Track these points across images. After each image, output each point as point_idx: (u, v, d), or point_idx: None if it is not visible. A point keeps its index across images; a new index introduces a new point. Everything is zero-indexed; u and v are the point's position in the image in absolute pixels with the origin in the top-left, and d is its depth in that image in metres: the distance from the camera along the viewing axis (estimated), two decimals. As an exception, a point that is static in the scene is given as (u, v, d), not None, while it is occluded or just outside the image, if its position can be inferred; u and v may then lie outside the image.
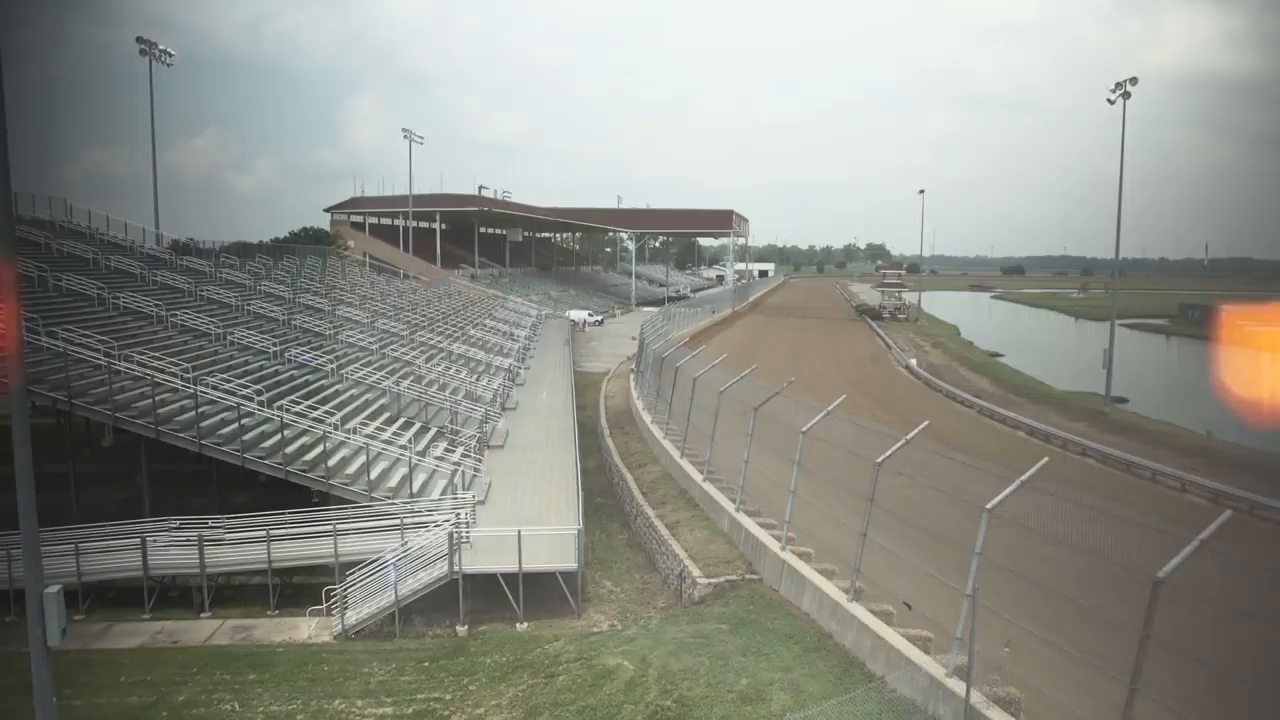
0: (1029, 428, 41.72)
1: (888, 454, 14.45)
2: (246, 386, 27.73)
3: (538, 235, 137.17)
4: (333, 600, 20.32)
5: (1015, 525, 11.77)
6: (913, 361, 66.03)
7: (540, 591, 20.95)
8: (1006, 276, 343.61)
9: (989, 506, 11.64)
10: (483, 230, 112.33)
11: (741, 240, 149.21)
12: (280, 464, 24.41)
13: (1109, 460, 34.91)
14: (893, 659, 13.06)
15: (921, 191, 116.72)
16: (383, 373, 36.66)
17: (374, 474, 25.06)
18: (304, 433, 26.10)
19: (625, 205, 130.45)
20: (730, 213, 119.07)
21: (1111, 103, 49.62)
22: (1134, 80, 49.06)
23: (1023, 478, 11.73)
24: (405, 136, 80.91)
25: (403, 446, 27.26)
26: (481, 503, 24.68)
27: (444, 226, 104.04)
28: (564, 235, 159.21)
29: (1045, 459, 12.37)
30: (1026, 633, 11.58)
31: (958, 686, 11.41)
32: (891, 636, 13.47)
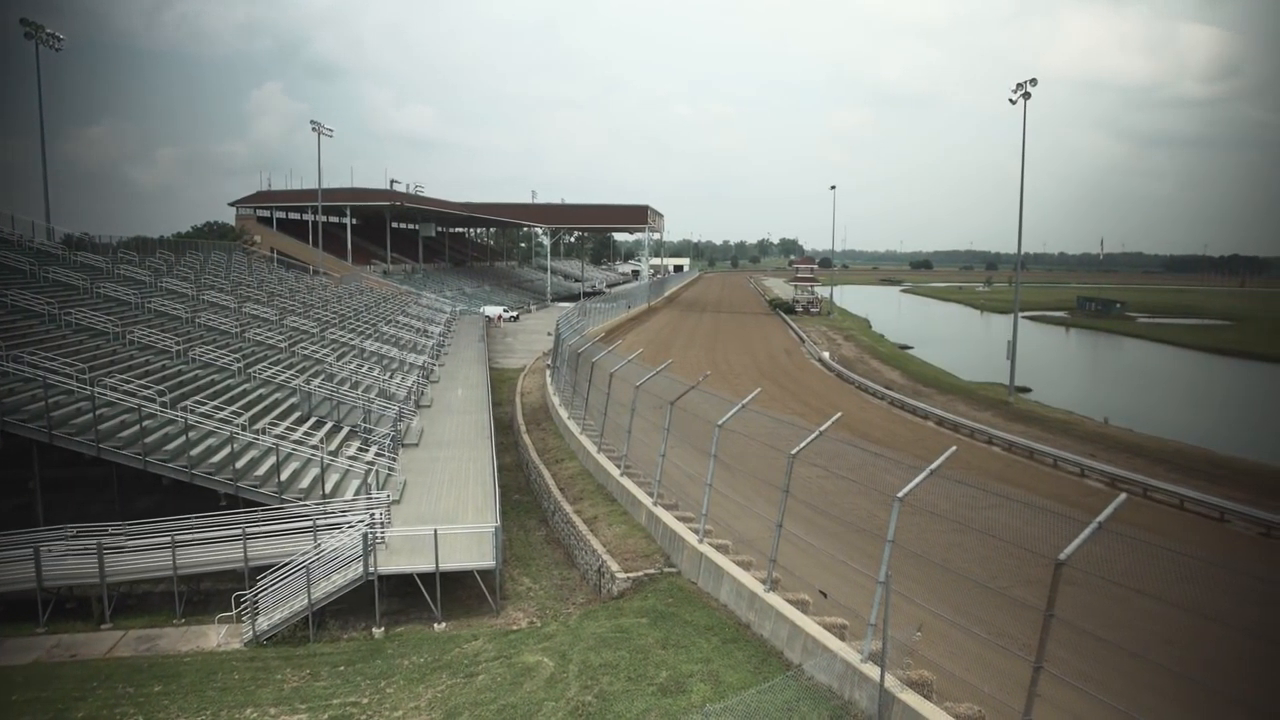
0: (938, 418, 42.88)
1: (801, 446, 14.66)
2: (148, 387, 26.74)
3: (451, 230, 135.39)
4: (243, 606, 19.71)
5: (926, 512, 12.05)
6: (825, 354, 67.21)
7: (458, 590, 20.71)
8: (915, 271, 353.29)
9: (900, 495, 11.89)
10: (395, 225, 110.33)
11: (657, 235, 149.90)
12: (185, 466, 23.59)
13: (1013, 448, 36.12)
14: (809, 647, 13.26)
15: (833, 187, 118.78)
16: (292, 371, 35.77)
17: (285, 475, 24.41)
18: (210, 434, 25.28)
19: (540, 200, 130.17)
20: (645, 208, 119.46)
21: (1013, 103, 51.23)
22: (1034, 81, 50.71)
23: (932, 466, 12.02)
24: (314, 129, 78.85)
25: (314, 446, 26.63)
26: (396, 502, 24.28)
27: (355, 221, 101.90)
28: (478, 230, 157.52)
29: (953, 448, 12.69)
30: (937, 616, 11.89)
31: (872, 671, 11.64)
32: (808, 625, 13.68)
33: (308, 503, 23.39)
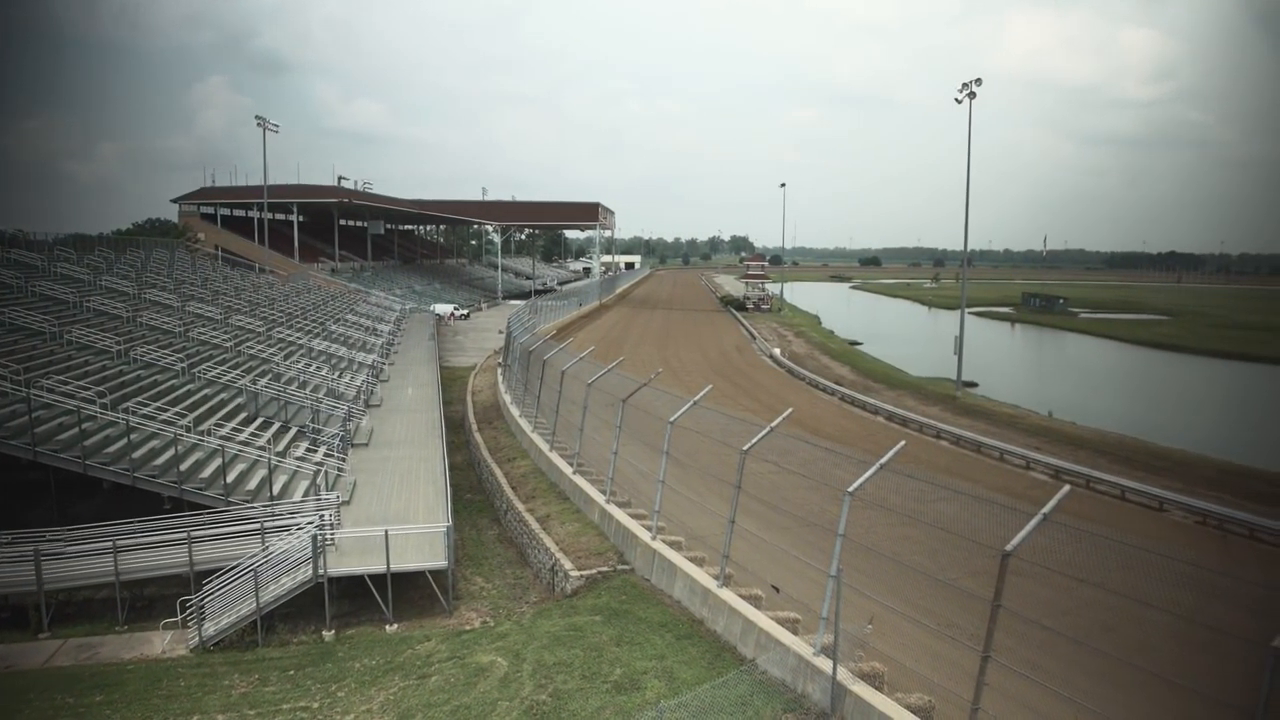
0: (887, 413, 43.41)
1: (753, 442, 14.74)
2: (88, 388, 26.08)
3: (400, 228, 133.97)
4: (188, 611, 19.30)
5: (876, 506, 12.20)
6: (776, 351, 67.69)
7: (410, 591, 20.51)
8: (864, 267, 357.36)
9: (850, 489, 12.01)
10: (343, 223, 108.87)
11: (608, 233, 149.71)
12: (127, 470, 23.05)
13: (961, 441, 36.69)
14: (763, 641, 13.35)
15: (783, 185, 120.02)
16: (239, 371, 35.13)
17: (231, 477, 23.97)
18: (153, 436, 24.73)
19: (491, 197, 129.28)
20: (596, 205, 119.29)
21: (959, 102, 52.04)
22: (979, 81, 51.58)
23: (881, 461, 12.16)
24: (259, 124, 77.41)
25: (261, 447, 26.19)
26: (346, 503, 23.97)
27: (302, 219, 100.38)
28: (428, 228, 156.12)
29: (903, 442, 12.86)
30: (888, 609, 12.04)
31: (825, 664, 11.76)
32: (761, 620, 13.77)
33: (255, 505, 22.99)
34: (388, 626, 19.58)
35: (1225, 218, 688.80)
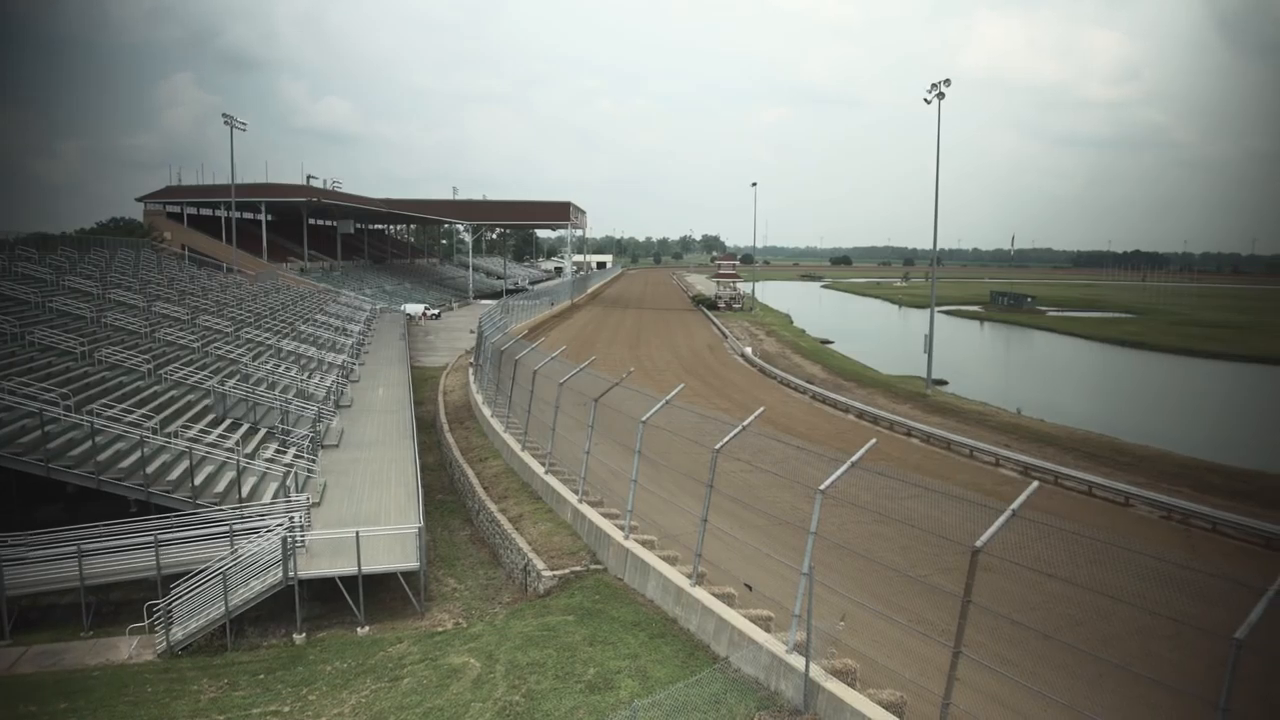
0: (858, 411, 43.64)
1: (725, 440, 14.77)
2: (50, 390, 25.67)
3: (371, 227, 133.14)
4: (156, 616, 19.05)
5: (847, 504, 12.27)
6: (748, 350, 67.88)
7: (381, 593, 20.37)
8: (835, 266, 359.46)
9: (822, 487, 12.07)
10: (312, 222, 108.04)
11: (579, 232, 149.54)
12: (92, 473, 22.71)
13: (932, 439, 36.97)
14: (736, 639, 13.38)
15: (754, 184, 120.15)
16: (206, 372, 34.72)
17: (199, 479, 23.69)
18: (118, 438, 24.38)
19: (462, 197, 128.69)
20: (568, 204, 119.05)
21: (928, 102, 52.41)
22: (947, 82, 51.92)
23: (853, 459, 12.23)
24: (226, 122, 76.48)
25: (230, 449, 25.91)
26: (317, 504, 23.77)
27: (270, 218, 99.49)
28: (398, 227, 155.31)
29: (874, 440, 12.94)
30: (860, 606, 12.12)
31: (798, 662, 11.81)
32: (734, 618, 13.80)
33: (223, 507, 22.74)
34: (359, 629, 19.44)
35: (1188, 218, 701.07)
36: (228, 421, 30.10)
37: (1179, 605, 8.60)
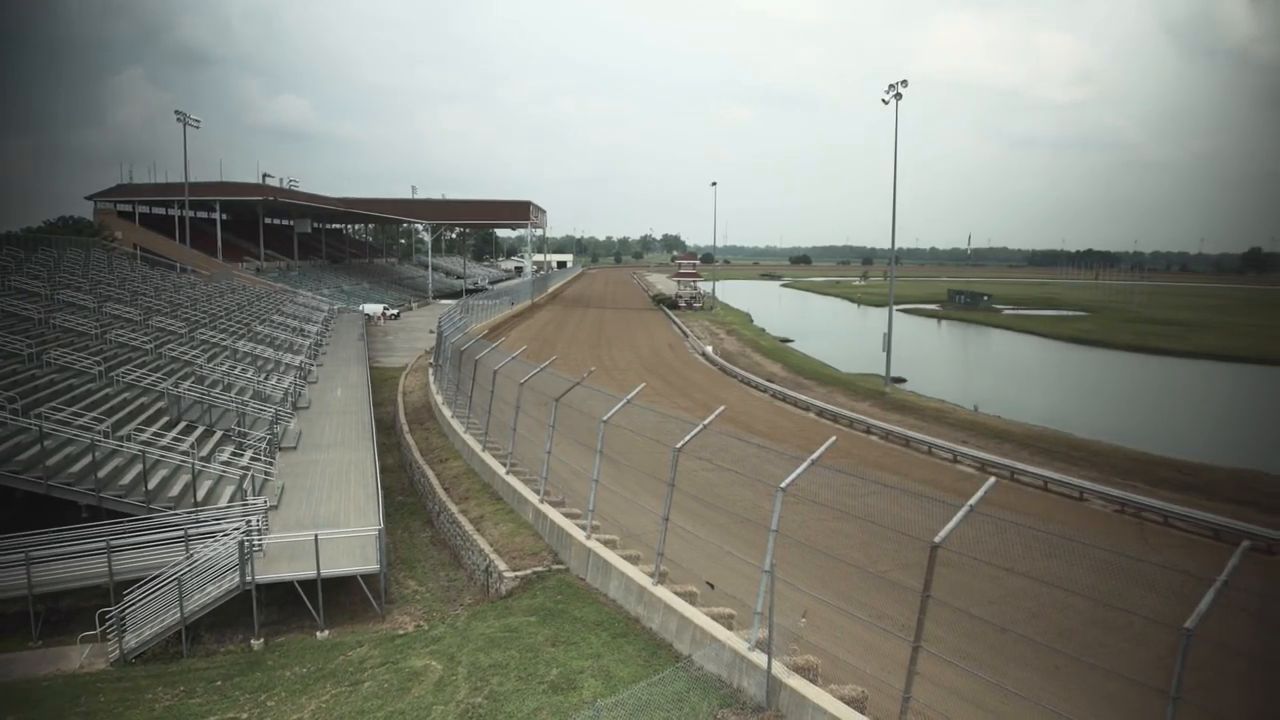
0: (818, 409, 44.01)
1: (686, 439, 14.81)
2: (-3, 394, 25.08)
3: (328, 226, 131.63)
4: (108, 623, 18.66)
5: (808, 502, 12.35)
6: (708, 349, 68.14)
7: (341, 596, 20.15)
8: (794, 266, 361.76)
9: (783, 485, 12.14)
10: (268, 221, 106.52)
11: (539, 231, 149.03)
12: (40, 478, 22.18)
13: (891, 436, 37.38)
14: (698, 638, 13.42)
15: (714, 184, 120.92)
16: (159, 374, 34.10)
17: (152, 483, 23.25)
18: (68, 442, 23.86)
19: (421, 196, 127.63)
20: (528, 204, 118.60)
21: (885, 103, 52.89)
22: (904, 83, 52.42)
23: (813, 457, 12.31)
24: (179, 119, 75.16)
25: (184, 452, 25.47)
26: (274, 507, 23.44)
27: (225, 217, 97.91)
28: (356, 226, 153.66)
29: (834, 438, 13.04)
30: (821, 602, 12.21)
31: (760, 659, 11.86)
32: (696, 616, 13.84)
33: (178, 511, 22.34)
34: (319, 633, 19.21)
35: (1138, 217, 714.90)
36: (182, 424, 29.61)
37: (1132, 597, 8.77)
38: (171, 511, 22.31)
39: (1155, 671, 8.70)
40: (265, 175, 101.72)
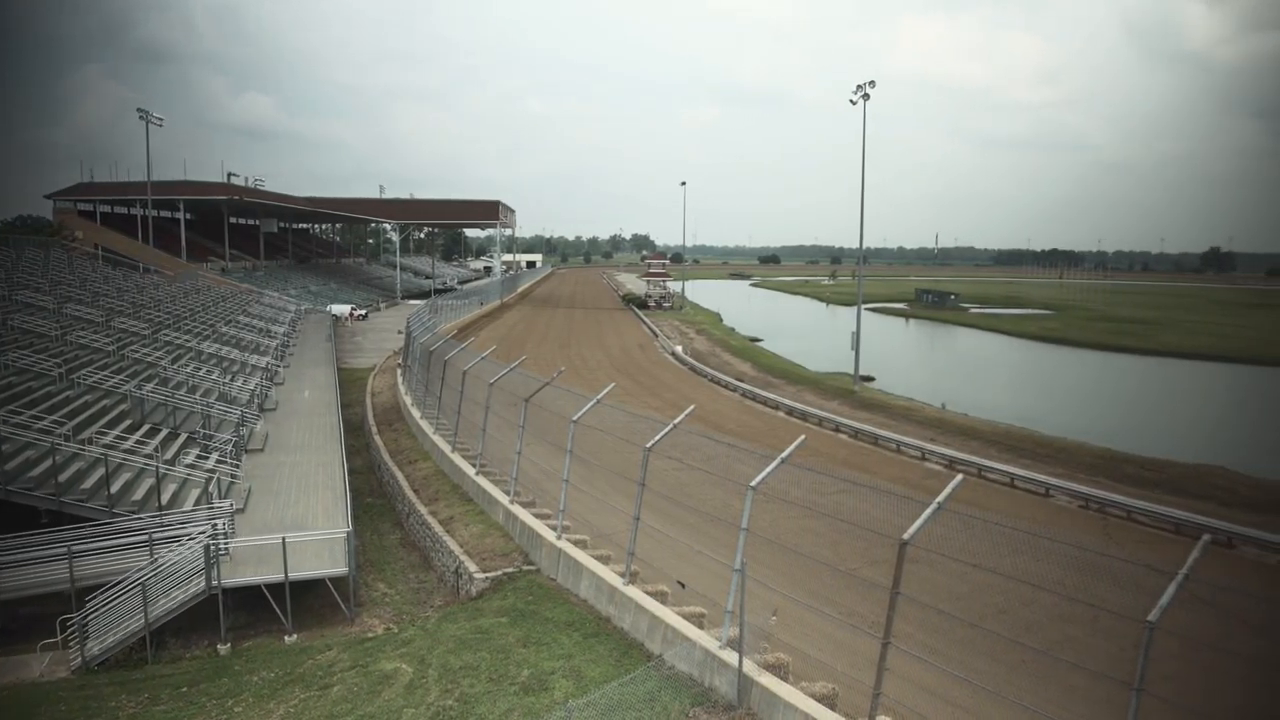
0: (788, 408, 44.20)
1: (656, 439, 14.81)
2: (-46, 397, 24.60)
3: (295, 226, 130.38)
4: (70, 630, 18.34)
5: (778, 500, 12.40)
6: (678, 348, 68.23)
7: (310, 600, 19.96)
8: (764, 265, 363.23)
9: (753, 484, 12.18)
10: (234, 221, 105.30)
11: (509, 231, 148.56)
12: (-1, 482, 21.80)
13: (860, 435, 37.61)
14: (669, 637, 13.43)
15: (683, 183, 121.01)
16: (122, 376, 33.59)
17: (115, 487, 22.90)
18: (27, 446, 23.44)
19: (389, 195, 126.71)
20: (497, 203, 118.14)
21: (854, 103, 53.23)
22: (872, 83, 52.81)
23: (783, 455, 12.36)
24: (141, 117, 74.08)
25: (148, 456, 25.10)
26: (241, 511, 23.17)
27: (189, 216, 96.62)
28: (323, 226, 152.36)
29: (803, 437, 13.10)
30: (792, 600, 12.27)
31: (731, 657, 11.90)
32: (667, 615, 13.85)
33: (142, 516, 22.01)
34: (287, 637, 19.01)
35: (1101, 217, 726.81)
36: (146, 427, 29.19)
37: (1096, 591, 8.90)
38: (135, 516, 21.97)
39: (1119, 664, 8.82)
40: (230, 174, 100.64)
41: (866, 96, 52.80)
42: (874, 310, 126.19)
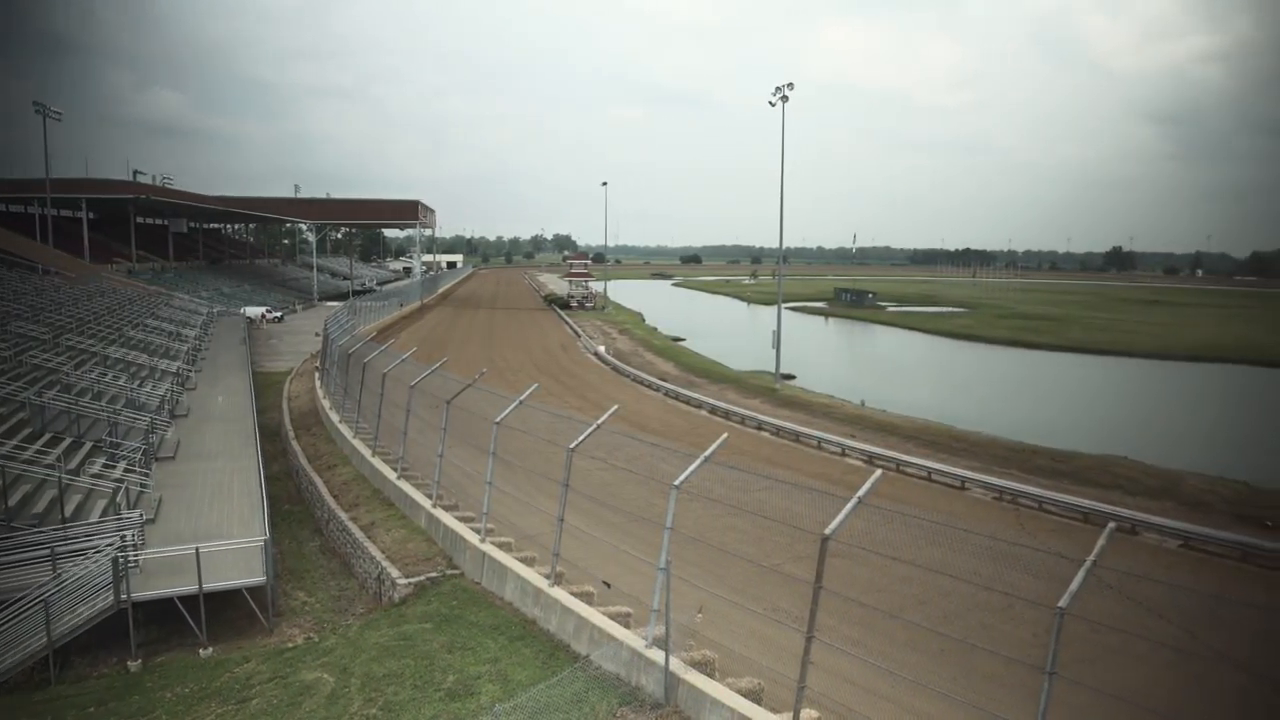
0: (710, 406, 44.55)
1: (580, 439, 14.78)
2: None
3: (206, 226, 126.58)
4: (-36, 651, 17.48)
5: (702, 498, 12.48)
6: (601, 349, 68.22)
7: (226, 611, 19.38)
8: (685, 265, 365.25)
9: (677, 483, 12.23)
10: (141, 221, 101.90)
11: (429, 231, 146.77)
12: (-115, 496, 20.66)
13: (781, 432, 38.12)
14: (596, 637, 13.41)
15: (604, 184, 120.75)
16: (20, 383, 32.15)
17: (13, 499, 21.89)
18: (-81, 457, 22.31)
19: (304, 195, 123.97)
20: (416, 203, 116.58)
21: (773, 105, 53.91)
22: (791, 85, 53.58)
23: (706, 454, 12.44)
24: (38, 111, 71.16)
25: (50, 465, 24.08)
26: (152, 521, 22.40)
27: (92, 216, 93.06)
28: (236, 227, 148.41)
29: (726, 435, 13.22)
30: (717, 597, 12.37)
31: (657, 656, 11.94)
32: (593, 616, 13.83)
33: (43, 529, 21.09)
34: (202, 650, 18.43)
35: (1012, 217, 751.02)
36: (47, 435, 27.98)
37: (1010, 579, 9.16)
38: (36, 529, 21.04)
39: (1033, 649, 9.12)
40: (137, 172, 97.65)
41: (785, 99, 53.54)
42: (794, 309, 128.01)
